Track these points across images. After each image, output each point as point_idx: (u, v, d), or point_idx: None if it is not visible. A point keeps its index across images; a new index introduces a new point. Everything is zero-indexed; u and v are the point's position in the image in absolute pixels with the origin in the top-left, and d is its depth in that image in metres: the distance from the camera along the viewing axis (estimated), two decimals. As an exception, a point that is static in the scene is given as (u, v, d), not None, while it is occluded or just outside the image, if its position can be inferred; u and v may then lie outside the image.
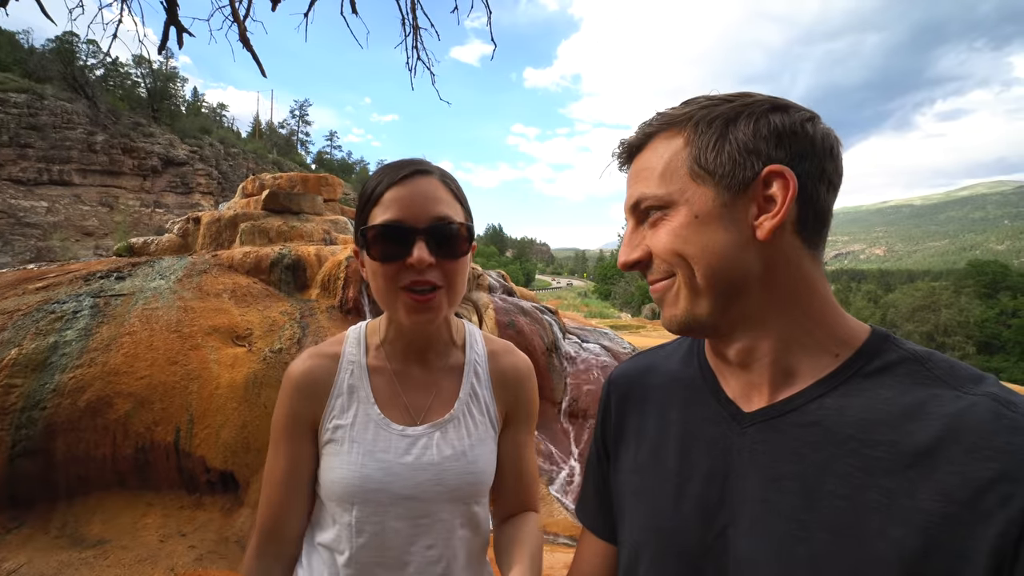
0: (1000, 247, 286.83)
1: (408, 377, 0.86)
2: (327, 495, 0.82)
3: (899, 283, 54.12)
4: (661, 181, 0.57)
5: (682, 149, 0.56)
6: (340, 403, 0.83)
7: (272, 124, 57.65)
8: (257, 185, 7.78)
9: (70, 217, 24.87)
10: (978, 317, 30.42)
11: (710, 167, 0.54)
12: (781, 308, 0.55)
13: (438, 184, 0.78)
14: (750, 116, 0.54)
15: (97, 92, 28.79)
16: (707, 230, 0.54)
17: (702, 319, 0.57)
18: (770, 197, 0.53)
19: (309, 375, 0.84)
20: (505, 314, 5.24)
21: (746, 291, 0.55)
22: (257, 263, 4.91)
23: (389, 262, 0.75)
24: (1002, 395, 0.45)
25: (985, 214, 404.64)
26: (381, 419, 0.82)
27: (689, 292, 0.57)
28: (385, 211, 0.75)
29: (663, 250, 0.57)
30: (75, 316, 3.62)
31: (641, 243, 0.60)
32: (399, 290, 0.76)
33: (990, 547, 0.39)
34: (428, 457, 0.81)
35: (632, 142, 0.62)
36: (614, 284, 46.19)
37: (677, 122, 0.58)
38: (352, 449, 0.80)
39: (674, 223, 0.56)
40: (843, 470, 0.48)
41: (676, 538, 0.59)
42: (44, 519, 3.02)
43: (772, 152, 0.53)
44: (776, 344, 0.56)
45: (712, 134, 0.55)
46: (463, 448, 0.83)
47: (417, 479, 0.79)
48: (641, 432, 0.70)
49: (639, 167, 0.60)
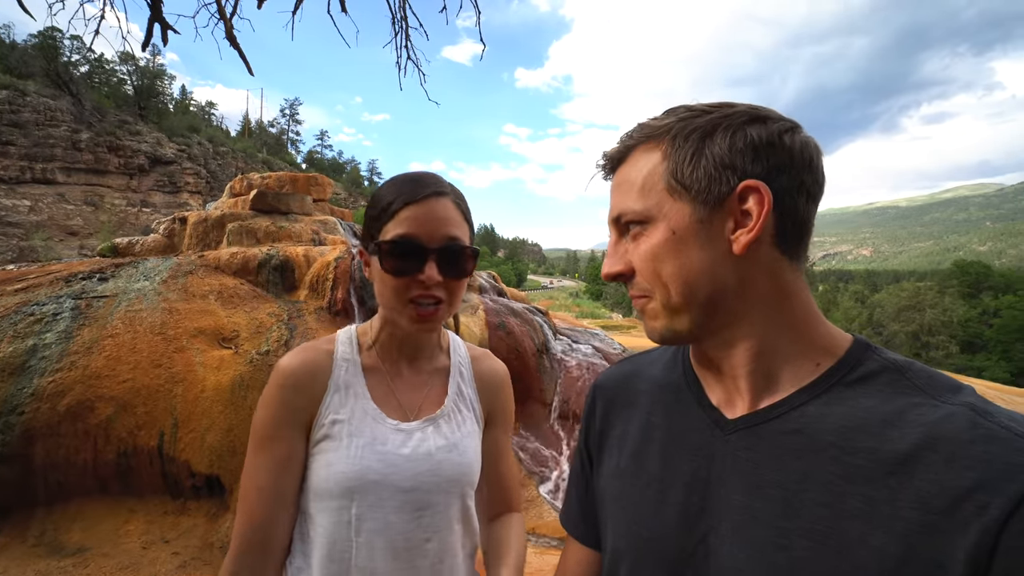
0: (982, 248, 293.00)
1: (400, 377, 0.90)
2: (323, 494, 0.80)
3: (885, 283, 55.05)
4: (639, 196, 0.57)
5: (660, 163, 0.56)
6: (337, 398, 0.84)
7: (262, 123, 57.16)
8: (245, 185, 7.69)
9: (54, 216, 24.44)
10: (961, 317, 30.97)
11: (686, 182, 0.54)
12: (761, 318, 0.55)
13: (451, 206, 0.83)
14: (727, 129, 0.53)
15: (82, 89, 28.33)
16: (684, 247, 0.55)
17: (682, 332, 0.58)
18: (746, 212, 0.53)
19: (306, 367, 0.84)
20: (495, 315, 5.23)
21: (724, 304, 0.55)
22: (244, 264, 4.85)
23: (401, 276, 0.80)
24: (979, 405, 0.46)
25: (968, 215, 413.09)
26: (377, 413, 0.84)
27: (666, 310, 0.57)
28: (401, 227, 0.80)
29: (642, 268, 0.58)
30: (55, 318, 3.54)
31: (624, 256, 0.60)
32: (406, 301, 0.81)
33: (966, 556, 0.40)
34: (424, 448, 0.84)
35: (612, 155, 0.62)
36: (605, 284, 46.40)
37: (656, 135, 0.57)
38: (351, 443, 0.81)
39: (652, 240, 0.56)
40: (824, 478, 0.48)
41: (657, 545, 0.59)
42: (21, 527, 2.95)
43: (748, 166, 0.52)
44: (757, 353, 0.56)
45: (689, 148, 0.54)
46: (455, 440, 0.87)
47: (416, 470, 0.82)
48: (624, 438, 0.70)
49: (620, 180, 0.61)
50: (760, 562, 0.50)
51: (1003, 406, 0.47)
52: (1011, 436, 0.42)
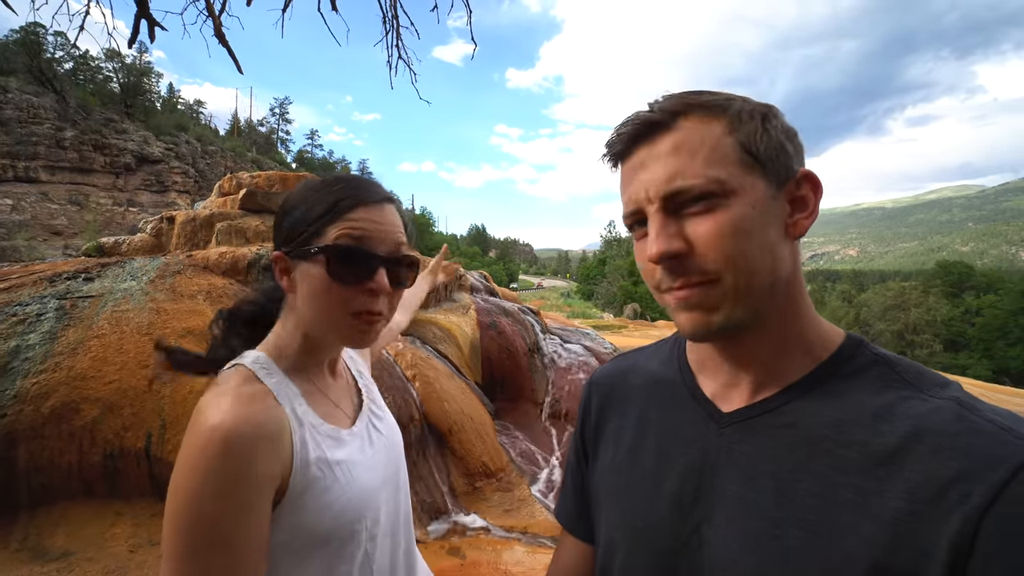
0: (965, 248, 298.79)
1: (328, 387, 0.83)
2: (325, 536, 0.71)
3: (872, 283, 55.88)
4: (709, 164, 0.50)
5: (725, 135, 0.51)
6: (304, 438, 0.71)
7: (251, 122, 56.51)
8: (234, 184, 7.59)
9: (37, 215, 23.96)
10: (945, 316, 31.57)
11: (762, 157, 0.51)
12: (788, 310, 0.55)
13: (397, 214, 0.78)
14: (770, 114, 0.54)
15: (66, 86, 27.80)
16: (762, 225, 0.50)
17: (743, 322, 0.52)
18: (801, 197, 0.54)
19: (268, 421, 0.67)
20: (487, 315, 5.22)
21: (777, 292, 0.53)
22: (234, 264, 4.79)
23: (348, 285, 0.71)
24: (965, 400, 0.47)
25: (951, 216, 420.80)
26: (335, 432, 0.77)
27: (736, 295, 0.51)
28: (350, 231, 0.71)
29: (714, 245, 0.50)
30: (39, 319, 3.47)
31: (680, 233, 0.51)
32: (347, 314, 0.72)
33: (949, 543, 0.41)
34: (380, 442, 0.85)
35: (652, 119, 0.53)
36: (596, 284, 46.53)
37: (712, 106, 0.52)
38: (338, 470, 0.74)
39: (732, 214, 0.49)
40: (817, 469, 0.49)
41: (651, 535, 0.60)
42: (4, 532, 2.89)
43: (795, 153, 0.54)
44: (775, 346, 0.56)
45: (754, 124, 0.51)
46: (389, 423, 0.91)
47: (384, 462, 0.84)
48: (620, 432, 0.70)
49: (673, 145, 0.51)
50: (753, 551, 0.51)
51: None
52: (995, 429, 0.43)
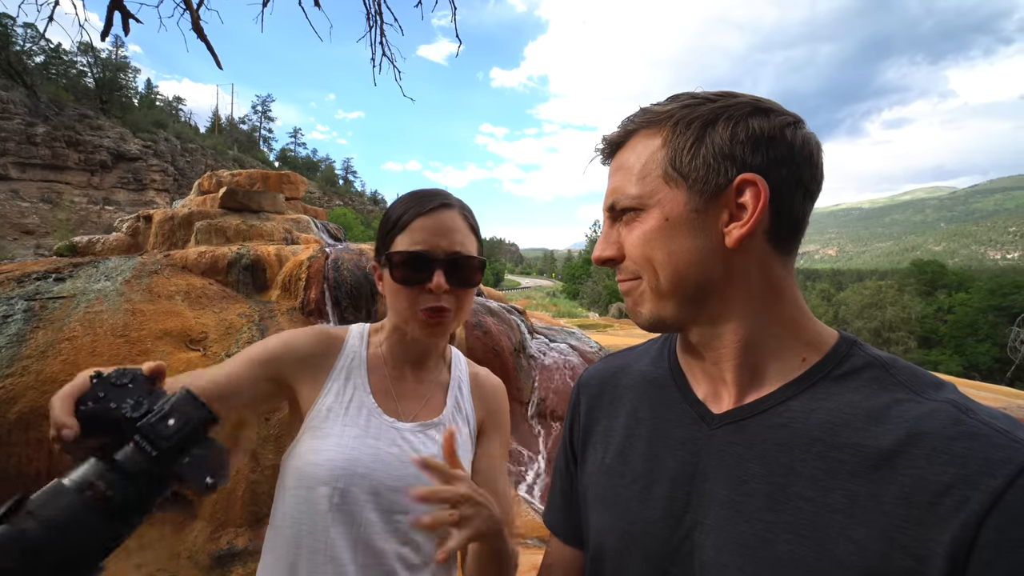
0: (937, 248, 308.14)
1: (401, 382, 0.91)
2: (306, 480, 0.79)
3: (850, 282, 57.22)
4: (636, 182, 0.57)
5: (659, 149, 0.56)
6: (337, 385, 0.85)
7: (233, 120, 55.43)
8: (214, 182, 7.42)
9: (6, 214, 23.16)
10: (919, 314, 32.47)
11: (684, 171, 0.54)
12: (750, 312, 0.55)
13: (458, 217, 0.86)
14: (729, 119, 0.53)
15: (36, 80, 26.90)
16: (676, 235, 0.54)
17: (667, 320, 0.58)
18: (742, 205, 0.52)
19: (320, 343, 0.87)
20: (472, 314, 5.20)
21: (712, 295, 0.56)
22: (213, 263, 4.68)
23: (410, 286, 0.83)
24: (961, 402, 0.46)
25: (924, 217, 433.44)
26: (375, 408, 0.85)
27: (654, 295, 0.57)
28: (410, 240, 0.83)
29: (632, 252, 0.58)
30: (6, 321, 3.34)
31: (616, 241, 0.60)
32: (416, 311, 0.84)
33: (946, 550, 0.40)
34: (416, 452, 0.83)
35: (613, 139, 0.61)
36: (582, 284, 46.74)
37: (657, 120, 0.57)
38: (344, 432, 0.81)
39: (645, 226, 0.56)
40: (809, 472, 0.48)
41: (642, 540, 0.59)
42: (-31, 542, 2.78)
43: (748, 158, 0.52)
44: (743, 346, 0.56)
45: (690, 136, 0.54)
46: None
47: (401, 472, 0.80)
48: (609, 434, 0.69)
49: (617, 164, 0.60)
50: (744, 556, 0.50)
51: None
52: (992, 432, 0.42)
